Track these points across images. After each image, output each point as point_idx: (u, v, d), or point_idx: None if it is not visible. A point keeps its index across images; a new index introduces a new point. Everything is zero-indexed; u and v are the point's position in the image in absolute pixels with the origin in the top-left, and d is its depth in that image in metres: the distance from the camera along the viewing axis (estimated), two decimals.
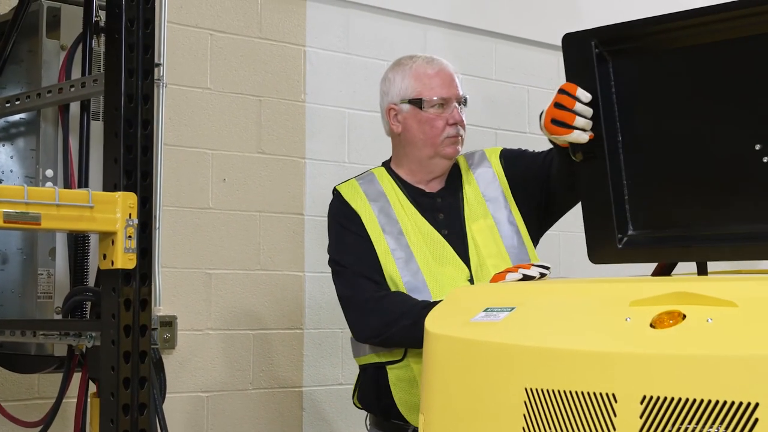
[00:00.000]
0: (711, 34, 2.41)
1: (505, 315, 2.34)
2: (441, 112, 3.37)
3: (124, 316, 2.42)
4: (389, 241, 3.29)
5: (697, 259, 2.53)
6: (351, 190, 3.39)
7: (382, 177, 3.43)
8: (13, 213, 2.27)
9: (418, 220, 3.33)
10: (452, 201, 3.39)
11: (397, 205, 3.35)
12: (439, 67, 3.41)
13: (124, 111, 2.44)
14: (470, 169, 3.46)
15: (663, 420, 1.95)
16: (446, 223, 3.34)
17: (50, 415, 2.89)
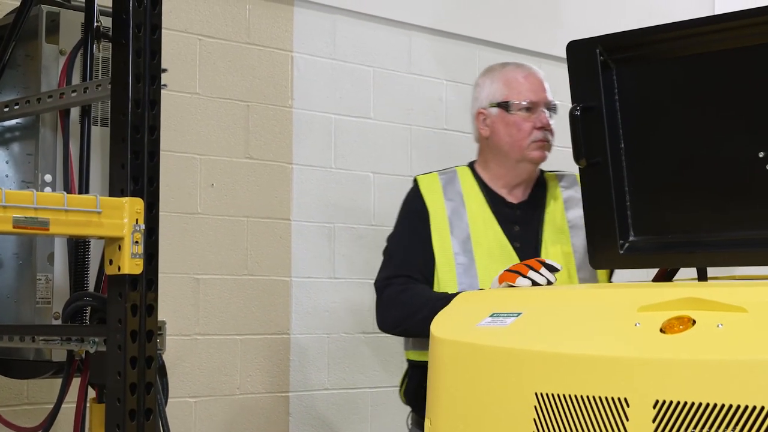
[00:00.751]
0: (714, 43, 2.45)
1: (512, 320, 2.36)
2: (528, 115, 3.37)
3: (131, 322, 2.42)
4: (455, 244, 3.28)
5: (700, 264, 2.56)
6: (429, 183, 3.40)
7: (464, 177, 3.43)
8: (23, 218, 2.26)
9: (493, 227, 3.31)
10: (532, 216, 3.36)
11: (472, 209, 3.33)
12: (528, 71, 3.43)
13: (131, 116, 2.44)
14: (560, 190, 3.44)
15: (676, 424, 1.98)
16: (521, 236, 3.31)
17: (49, 420, 2.87)
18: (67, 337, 2.65)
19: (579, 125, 2.61)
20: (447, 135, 4.89)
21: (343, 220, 4.53)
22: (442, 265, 3.26)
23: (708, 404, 1.95)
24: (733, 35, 2.42)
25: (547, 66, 5.18)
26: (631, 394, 2.04)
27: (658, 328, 2.11)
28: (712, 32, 2.46)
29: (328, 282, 4.46)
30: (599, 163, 2.60)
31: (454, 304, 2.62)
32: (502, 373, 2.28)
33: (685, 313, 2.10)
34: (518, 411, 2.21)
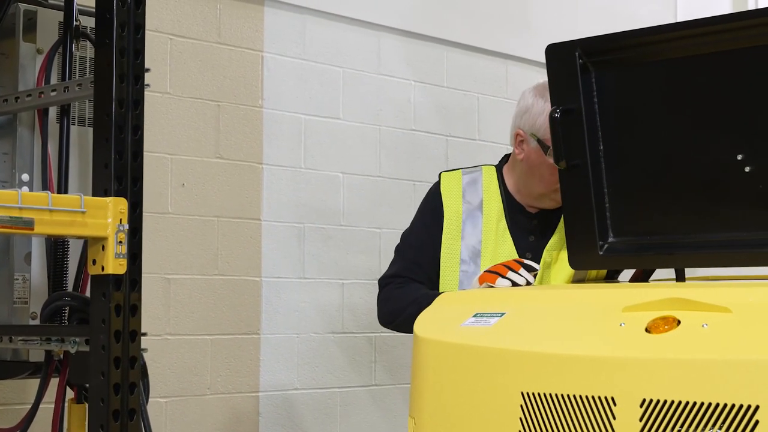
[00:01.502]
0: (694, 47, 2.48)
1: (496, 320, 2.39)
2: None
3: (114, 322, 2.41)
4: (463, 250, 3.24)
5: (678, 266, 2.60)
6: (451, 182, 3.33)
7: (489, 179, 3.32)
8: (7, 218, 2.25)
9: (506, 238, 3.23)
10: (549, 226, 3.25)
11: (489, 215, 3.26)
12: None
13: (115, 116, 2.44)
14: None
15: (663, 422, 2.01)
16: (534, 247, 3.21)
17: (26, 420, 2.86)
18: (47, 337, 2.64)
19: (558, 127, 2.63)
20: (415, 136, 4.91)
21: (313, 221, 4.53)
22: (446, 269, 3.25)
23: (695, 403, 1.98)
24: (712, 39, 2.45)
25: (514, 68, 5.23)
26: (618, 393, 2.07)
27: (643, 328, 2.14)
28: (691, 36, 2.49)
29: (298, 282, 4.47)
30: (579, 165, 2.62)
31: (437, 304, 2.64)
32: (488, 372, 2.30)
33: (670, 314, 2.14)
34: (504, 410, 2.24)
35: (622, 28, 2.62)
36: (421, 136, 4.93)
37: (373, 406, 4.70)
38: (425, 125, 4.95)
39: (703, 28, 2.48)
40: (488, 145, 5.20)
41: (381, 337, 4.72)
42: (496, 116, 5.25)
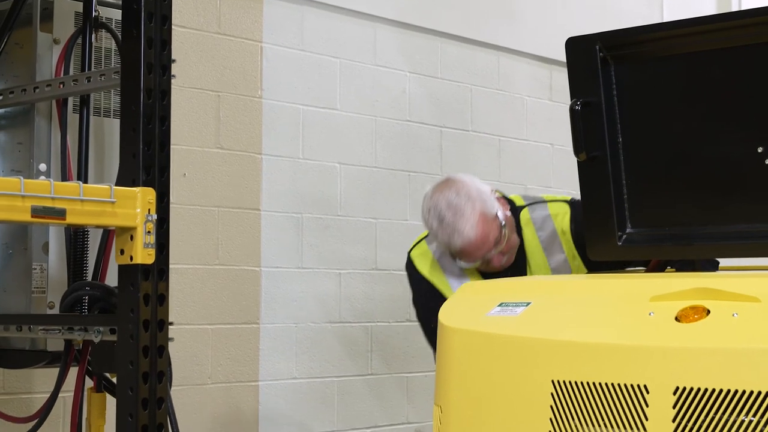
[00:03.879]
0: (713, 41, 2.52)
1: (522, 309, 2.42)
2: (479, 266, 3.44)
3: (143, 311, 2.43)
4: None
5: (696, 256, 2.64)
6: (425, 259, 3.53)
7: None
8: (41, 208, 2.26)
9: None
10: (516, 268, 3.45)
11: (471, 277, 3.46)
12: (461, 241, 3.33)
13: (143, 107, 2.45)
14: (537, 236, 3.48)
15: (696, 410, 2.05)
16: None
17: (45, 410, 2.87)
18: (70, 326, 2.65)
19: (578, 120, 2.66)
20: (410, 126, 4.94)
21: (311, 211, 4.55)
22: None
23: (728, 390, 2.02)
24: (732, 34, 2.49)
25: (506, 59, 5.27)
26: (651, 381, 2.11)
27: (673, 317, 2.18)
28: (710, 31, 2.52)
29: (296, 272, 4.49)
30: (598, 157, 2.66)
31: (459, 294, 2.66)
32: (516, 361, 2.33)
33: (699, 303, 2.17)
34: (534, 398, 2.27)
35: (611, 22, 2.67)
36: (416, 127, 4.96)
37: (370, 394, 4.73)
38: (420, 116, 4.97)
39: (721, 23, 2.52)
40: (481, 136, 5.24)
41: (377, 327, 4.75)
42: (489, 108, 5.29)
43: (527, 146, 5.48)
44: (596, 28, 2.74)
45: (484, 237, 3.33)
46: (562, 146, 5.57)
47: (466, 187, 3.37)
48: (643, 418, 2.11)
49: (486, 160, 5.23)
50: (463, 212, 3.32)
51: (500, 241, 3.35)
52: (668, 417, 2.08)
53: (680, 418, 2.06)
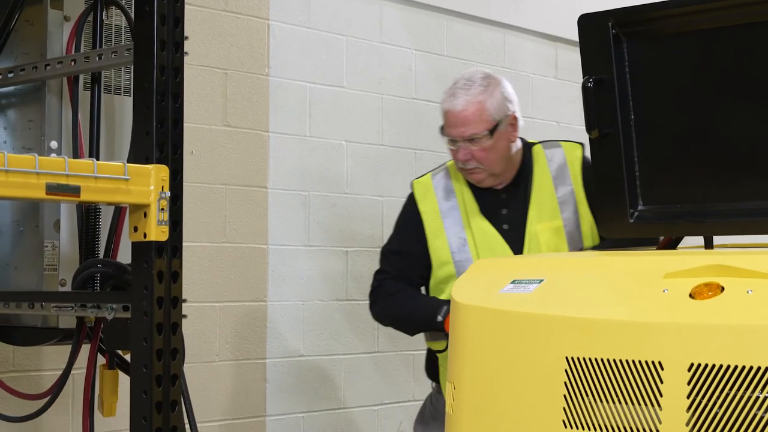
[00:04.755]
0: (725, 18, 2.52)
1: (535, 287, 2.42)
2: (454, 147, 3.45)
3: (157, 288, 2.43)
4: (451, 243, 3.45)
5: (708, 233, 2.65)
6: (423, 189, 3.55)
7: (453, 171, 3.55)
8: (55, 185, 2.26)
9: (479, 217, 3.46)
10: (517, 196, 3.49)
11: (461, 203, 3.49)
12: (451, 105, 3.43)
13: (156, 84, 2.44)
14: (548, 165, 3.52)
15: (711, 386, 2.06)
16: (508, 219, 3.47)
17: (57, 386, 2.88)
18: (82, 303, 2.65)
19: (591, 97, 2.66)
20: (416, 104, 4.94)
21: (318, 188, 4.56)
22: (438, 264, 3.47)
23: (743, 367, 2.02)
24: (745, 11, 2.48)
25: (512, 37, 5.26)
26: (665, 357, 2.11)
27: (687, 294, 2.18)
28: (724, 7, 2.52)
29: (304, 249, 4.50)
30: (610, 134, 2.66)
31: (472, 271, 2.67)
32: (530, 338, 2.33)
33: (713, 280, 2.18)
34: (548, 374, 2.27)
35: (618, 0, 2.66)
36: (422, 105, 4.96)
37: (376, 372, 4.75)
38: (426, 94, 4.97)
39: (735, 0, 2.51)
40: None
41: None
42: None
43: (533, 124, 5.46)
44: (601, 6, 2.73)
45: (465, 118, 3.39)
46: (568, 124, 5.57)
47: (496, 83, 3.45)
48: (657, 394, 2.11)
49: None
50: (470, 88, 3.42)
51: (478, 140, 3.38)
52: (683, 393, 2.08)
53: (695, 395, 2.07)
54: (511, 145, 3.46)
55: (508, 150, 3.45)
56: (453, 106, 3.41)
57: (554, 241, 3.41)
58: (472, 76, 3.46)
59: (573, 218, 3.45)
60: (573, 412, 2.22)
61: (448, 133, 3.43)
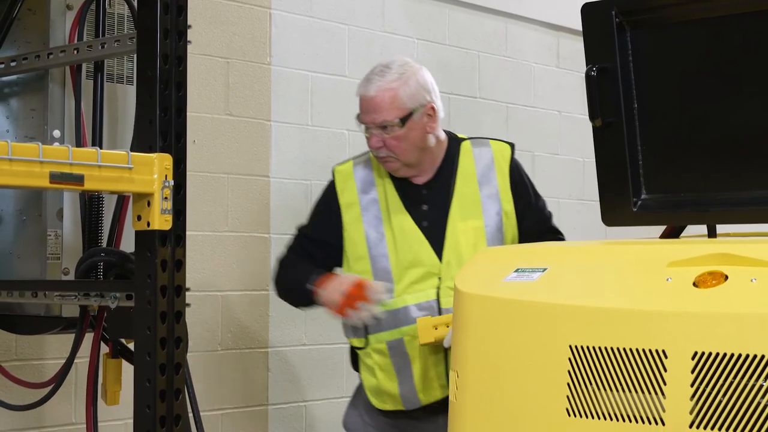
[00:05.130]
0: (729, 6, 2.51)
1: (539, 275, 2.42)
2: (367, 135, 3.43)
3: (160, 277, 2.43)
4: (367, 230, 3.41)
5: (712, 222, 2.65)
6: (344, 177, 3.51)
7: (376, 164, 3.49)
8: (59, 174, 2.26)
9: (400, 212, 3.42)
10: (440, 192, 3.44)
11: (382, 196, 3.44)
12: (364, 91, 3.41)
13: (159, 72, 2.44)
14: (474, 164, 3.48)
15: (715, 375, 2.06)
16: (429, 215, 3.42)
17: (61, 374, 2.88)
18: (86, 292, 2.66)
19: (594, 86, 2.66)
20: None
21: (320, 177, 4.53)
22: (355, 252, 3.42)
23: (747, 355, 2.03)
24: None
25: (514, 27, 5.25)
26: (669, 346, 2.11)
27: (691, 282, 2.18)
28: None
29: None
30: (613, 123, 2.66)
31: (476, 260, 2.67)
32: (534, 326, 2.33)
33: (717, 268, 2.18)
34: (551, 363, 2.27)
35: None
36: None
37: None
38: None
39: None
40: (488, 103, 5.24)
41: None
42: (496, 74, 5.28)
43: (535, 113, 5.48)
44: None
45: (376, 104, 3.36)
46: (570, 113, 5.57)
47: (413, 72, 3.41)
48: (661, 382, 2.12)
49: (493, 127, 5.22)
50: (385, 75, 3.39)
51: (390, 128, 3.35)
52: (686, 382, 2.09)
53: (698, 383, 2.07)
54: (427, 136, 3.39)
55: (423, 141, 3.39)
56: (366, 92, 3.39)
57: (474, 241, 3.36)
58: (390, 63, 3.43)
59: (495, 219, 3.40)
60: (576, 400, 2.22)
61: (362, 120, 3.41)
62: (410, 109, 3.35)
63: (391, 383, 3.38)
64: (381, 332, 3.36)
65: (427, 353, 3.30)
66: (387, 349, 3.37)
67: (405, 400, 3.38)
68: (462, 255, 3.34)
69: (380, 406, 3.44)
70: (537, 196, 3.53)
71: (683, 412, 2.08)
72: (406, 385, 3.36)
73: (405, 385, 3.36)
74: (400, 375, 3.37)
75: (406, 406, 3.39)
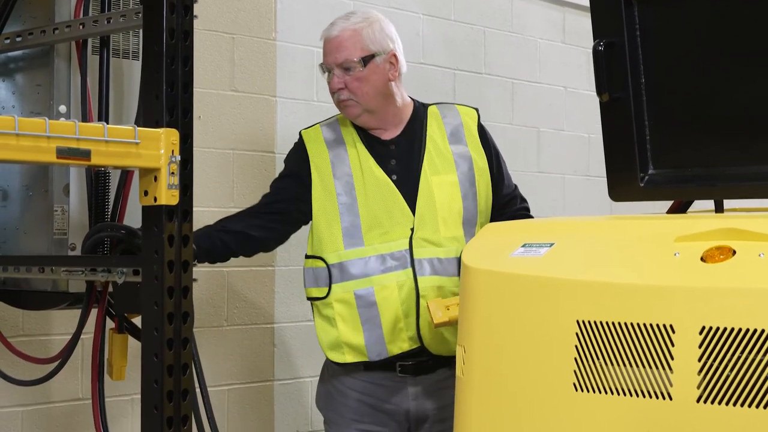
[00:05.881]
0: None
1: (546, 250, 2.42)
2: (329, 78, 3.46)
3: (167, 252, 2.43)
4: (337, 185, 3.42)
5: (719, 197, 2.65)
6: (313, 136, 3.54)
7: (345, 123, 3.53)
8: (66, 149, 2.26)
9: (371, 165, 3.43)
10: (408, 148, 3.47)
11: (352, 151, 3.46)
12: (327, 33, 3.47)
13: (165, 47, 2.44)
14: (443, 123, 3.52)
15: (723, 349, 2.06)
16: (398, 170, 3.44)
17: (67, 350, 2.88)
18: (93, 267, 2.66)
19: (601, 60, 2.65)
20: (424, 69, 4.92)
21: None
22: (325, 207, 3.42)
23: (755, 330, 2.03)
24: None
25: (519, 2, 5.24)
26: (677, 320, 2.12)
27: (698, 257, 2.18)
28: None
29: None
30: (621, 98, 2.65)
31: (482, 235, 2.67)
32: (541, 301, 2.34)
33: (725, 243, 2.18)
34: (559, 338, 2.28)
35: None
36: (430, 70, 4.94)
37: None
38: (433, 59, 4.95)
39: None
40: (494, 78, 5.23)
41: None
42: (502, 50, 5.26)
43: (540, 89, 5.46)
44: None
45: (339, 43, 3.41)
46: (575, 89, 5.56)
47: (378, 19, 3.49)
48: (668, 357, 2.12)
49: (499, 103, 5.22)
50: (348, 19, 3.47)
51: (350, 67, 3.39)
52: (694, 356, 2.09)
53: (706, 358, 2.08)
54: (389, 84, 3.43)
55: (385, 87, 3.42)
56: (329, 33, 3.45)
57: (449, 193, 3.40)
58: (356, 10, 3.56)
59: (468, 175, 3.43)
60: (584, 375, 2.23)
61: (325, 62, 3.45)
62: (373, 52, 3.41)
63: (355, 333, 3.36)
64: (348, 281, 3.35)
65: (397, 303, 3.31)
66: (354, 299, 3.36)
67: (370, 350, 3.36)
68: (437, 208, 3.37)
69: (337, 359, 3.41)
70: (505, 167, 3.59)
71: (691, 387, 2.09)
72: (373, 335, 3.35)
73: (371, 334, 3.35)
74: (365, 325, 3.35)
75: (370, 357, 3.37)
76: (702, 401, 2.07)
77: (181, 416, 2.43)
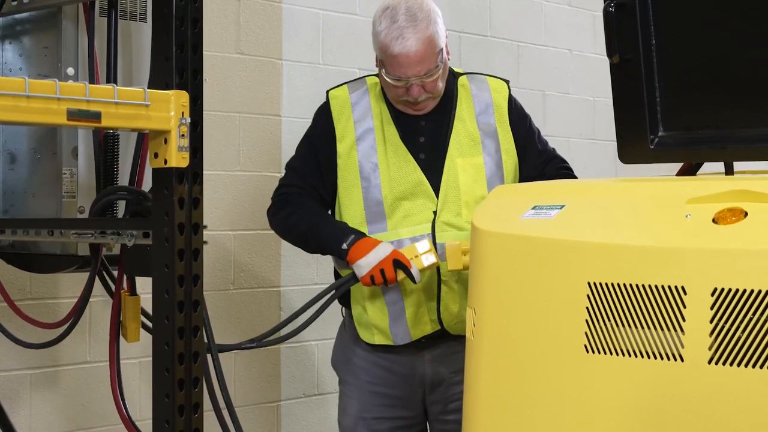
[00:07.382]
0: None
1: (557, 212, 2.42)
2: (400, 84, 3.29)
3: (178, 215, 2.43)
4: (361, 160, 3.35)
5: (729, 159, 2.64)
6: (340, 103, 3.43)
7: (373, 90, 3.44)
8: (76, 111, 2.25)
9: (396, 143, 3.36)
10: (438, 126, 3.39)
11: (378, 125, 3.38)
12: (402, 48, 3.23)
13: (175, 9, 2.42)
14: (472, 97, 3.44)
15: (735, 311, 2.06)
16: (426, 148, 3.37)
17: (75, 314, 2.89)
18: (102, 230, 2.66)
19: (612, 22, 2.64)
20: None
21: None
22: (347, 182, 3.37)
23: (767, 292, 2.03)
24: None
25: None
26: (688, 282, 2.11)
27: (710, 219, 2.18)
28: None
29: None
30: (631, 60, 2.64)
31: (492, 197, 2.66)
32: (552, 263, 2.34)
33: (737, 205, 2.17)
34: (569, 300, 2.28)
35: None
36: None
37: None
38: None
39: None
40: (500, 41, 5.21)
41: None
42: (508, 13, 5.24)
43: (546, 52, 5.44)
44: None
45: (421, 56, 3.23)
46: (581, 52, 5.54)
47: (428, 6, 3.31)
48: (680, 318, 2.12)
49: (504, 66, 5.20)
50: (417, 24, 3.24)
51: (432, 73, 3.27)
52: (706, 318, 2.09)
53: (718, 319, 2.07)
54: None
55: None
56: (406, 49, 3.22)
57: (474, 177, 3.33)
58: (409, 9, 3.27)
59: (495, 157, 3.37)
60: (595, 337, 2.23)
61: (402, 74, 3.25)
62: (442, 47, 3.30)
63: (382, 317, 3.36)
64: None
65: (420, 287, 3.30)
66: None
67: (395, 335, 3.36)
68: (461, 191, 3.32)
69: (368, 340, 3.41)
70: (538, 132, 3.52)
71: (702, 349, 2.09)
72: (397, 320, 3.34)
73: (396, 319, 3.34)
74: (391, 308, 3.35)
75: (395, 341, 3.37)
76: (713, 363, 2.07)
77: (192, 378, 2.43)
